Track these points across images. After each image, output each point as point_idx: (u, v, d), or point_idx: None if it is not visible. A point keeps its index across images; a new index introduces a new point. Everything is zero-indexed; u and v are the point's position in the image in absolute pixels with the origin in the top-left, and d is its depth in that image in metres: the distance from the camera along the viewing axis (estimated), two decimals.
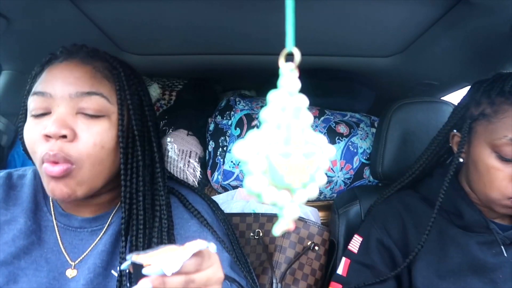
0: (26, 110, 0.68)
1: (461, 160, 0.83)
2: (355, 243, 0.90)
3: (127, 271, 0.66)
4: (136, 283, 0.46)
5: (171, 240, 0.71)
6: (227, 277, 0.69)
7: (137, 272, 0.46)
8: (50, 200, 0.72)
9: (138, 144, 0.68)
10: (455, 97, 1.40)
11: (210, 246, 0.49)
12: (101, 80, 0.66)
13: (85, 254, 0.68)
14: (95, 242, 0.69)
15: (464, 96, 0.88)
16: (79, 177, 0.62)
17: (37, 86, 0.65)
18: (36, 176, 0.74)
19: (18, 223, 0.68)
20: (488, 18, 0.81)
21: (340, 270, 0.89)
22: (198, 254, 0.47)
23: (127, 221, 0.67)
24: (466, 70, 1.16)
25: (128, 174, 0.67)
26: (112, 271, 0.68)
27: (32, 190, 0.72)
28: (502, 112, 0.75)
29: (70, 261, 0.68)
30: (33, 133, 0.63)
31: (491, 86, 0.79)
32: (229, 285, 0.68)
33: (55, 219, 0.71)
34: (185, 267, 0.46)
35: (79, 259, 0.68)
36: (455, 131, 0.85)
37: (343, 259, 0.90)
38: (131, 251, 0.66)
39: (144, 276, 0.45)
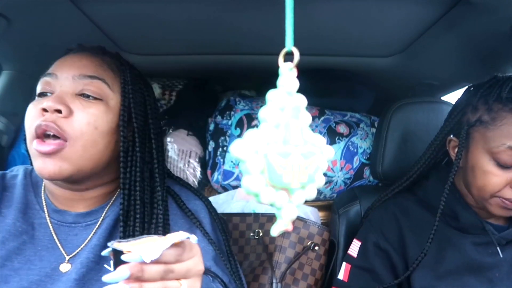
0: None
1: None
2: (354, 248, 0.90)
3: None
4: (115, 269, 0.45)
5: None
6: (209, 272, 0.70)
7: (117, 259, 0.46)
8: (43, 197, 0.73)
9: (136, 137, 0.72)
10: (455, 97, 1.40)
11: (191, 237, 0.49)
12: (106, 70, 0.72)
13: (80, 248, 0.69)
14: (90, 236, 0.70)
15: (459, 100, 0.88)
16: (68, 155, 0.64)
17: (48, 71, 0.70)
18: (27, 175, 0.75)
19: (6, 225, 0.68)
20: (488, 18, 0.80)
21: (341, 275, 0.89)
22: (179, 244, 0.47)
23: (126, 211, 0.69)
24: (466, 70, 1.16)
25: (127, 167, 0.71)
26: (105, 265, 0.68)
27: (22, 190, 0.73)
28: (500, 119, 0.75)
29: (65, 255, 0.68)
30: (32, 110, 0.66)
31: (488, 92, 0.78)
32: (210, 280, 0.68)
33: (48, 215, 0.71)
34: (165, 256, 0.45)
35: (74, 253, 0.68)
36: (451, 136, 0.85)
37: (344, 264, 0.90)
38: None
39: (123, 263, 0.44)
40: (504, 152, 0.73)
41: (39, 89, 0.69)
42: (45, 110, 0.64)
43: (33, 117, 0.66)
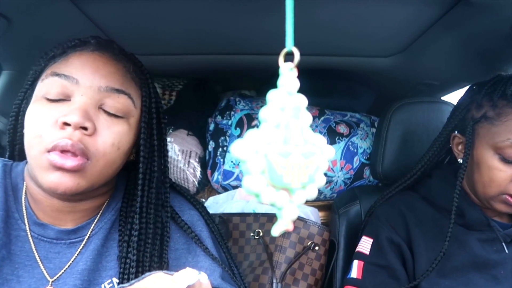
0: (28, 90, 0.64)
1: (460, 161, 0.83)
2: (365, 245, 0.89)
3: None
4: None
5: (163, 255, 0.68)
6: None
7: None
8: (23, 205, 0.63)
9: (155, 155, 0.67)
10: (455, 97, 1.40)
11: (201, 277, 0.45)
12: (130, 81, 0.64)
13: (63, 270, 0.62)
14: (74, 256, 0.63)
15: (462, 97, 0.89)
16: (87, 173, 0.58)
17: (60, 68, 0.60)
18: (6, 175, 0.65)
19: None
20: (488, 18, 0.81)
21: (354, 274, 0.88)
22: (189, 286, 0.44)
23: (138, 235, 0.64)
24: (466, 70, 1.16)
25: (145, 185, 0.65)
26: None
27: (3, 193, 0.63)
28: (505, 115, 0.76)
29: (47, 277, 0.60)
30: (45, 116, 0.57)
31: (492, 89, 0.80)
32: None
33: (29, 228, 0.62)
34: None
35: (56, 276, 0.61)
36: (456, 132, 0.86)
37: (355, 262, 0.89)
38: (137, 267, 0.63)
39: None
40: (509, 147, 0.75)
41: (51, 91, 0.59)
42: (67, 124, 0.56)
43: (47, 126, 0.56)
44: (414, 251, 0.83)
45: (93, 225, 0.66)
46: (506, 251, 0.81)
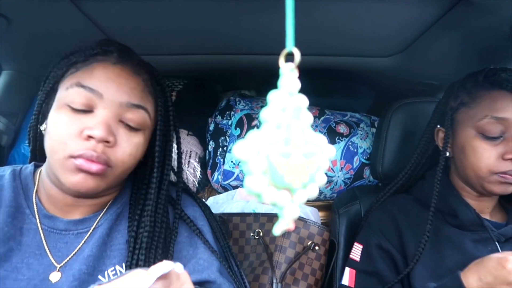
0: (49, 92, 0.68)
1: (447, 154, 0.85)
2: (356, 251, 0.90)
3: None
4: None
5: (169, 249, 0.73)
6: (215, 285, 0.70)
7: None
8: (34, 201, 0.69)
9: (168, 159, 0.76)
10: None
11: (176, 267, 0.46)
12: (148, 95, 0.70)
13: (70, 257, 0.67)
14: (80, 244, 0.68)
15: (441, 98, 0.93)
16: (107, 178, 0.65)
17: (85, 79, 0.64)
18: (16, 177, 0.71)
19: None
20: (488, 18, 0.81)
21: (345, 281, 0.89)
22: (165, 276, 0.45)
23: (151, 237, 0.70)
24: (466, 70, 1.16)
25: (159, 188, 0.73)
26: (99, 276, 0.66)
27: (11, 192, 0.69)
28: (480, 96, 0.80)
29: (55, 263, 0.65)
30: (70, 127, 0.62)
31: (465, 81, 0.85)
32: None
33: (40, 221, 0.68)
34: None
35: (64, 262, 0.66)
36: (438, 126, 0.89)
37: (347, 269, 0.90)
38: (137, 261, 0.68)
39: None
40: (488, 123, 0.78)
41: (76, 101, 0.63)
42: (91, 137, 0.61)
43: (71, 136, 0.62)
44: (408, 254, 0.83)
45: (99, 217, 0.71)
46: (500, 251, 0.80)
